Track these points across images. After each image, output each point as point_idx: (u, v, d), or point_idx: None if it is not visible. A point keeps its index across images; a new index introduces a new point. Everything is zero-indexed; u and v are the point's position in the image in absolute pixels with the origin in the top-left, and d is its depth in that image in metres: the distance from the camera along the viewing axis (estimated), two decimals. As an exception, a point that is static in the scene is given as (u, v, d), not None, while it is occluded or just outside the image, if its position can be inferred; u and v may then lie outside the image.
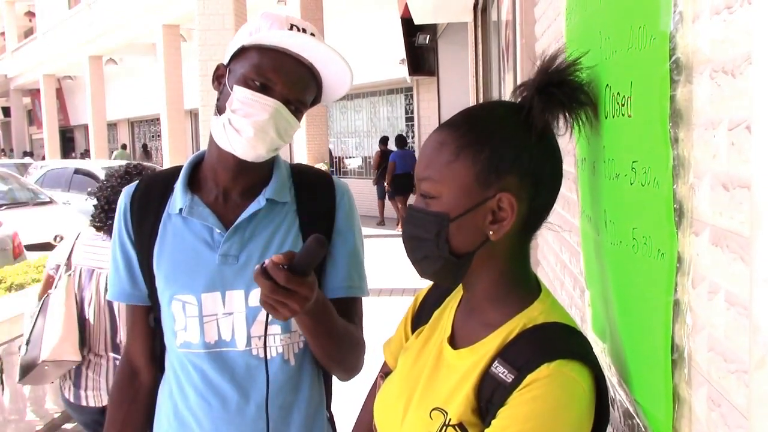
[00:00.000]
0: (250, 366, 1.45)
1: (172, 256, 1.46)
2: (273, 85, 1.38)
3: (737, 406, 0.73)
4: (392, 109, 16.69)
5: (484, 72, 8.29)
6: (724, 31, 0.73)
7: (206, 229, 1.47)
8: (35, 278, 5.44)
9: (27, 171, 14.76)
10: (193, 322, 1.45)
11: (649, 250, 0.94)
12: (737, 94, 0.70)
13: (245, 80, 1.38)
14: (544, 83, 1.03)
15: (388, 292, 7.91)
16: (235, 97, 1.38)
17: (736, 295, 0.72)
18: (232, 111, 1.39)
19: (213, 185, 1.50)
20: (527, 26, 3.05)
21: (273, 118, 1.37)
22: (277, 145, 1.43)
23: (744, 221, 0.69)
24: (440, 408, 1.02)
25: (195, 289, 1.45)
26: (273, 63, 1.39)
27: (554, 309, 1.05)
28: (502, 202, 1.00)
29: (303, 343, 1.50)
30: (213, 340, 1.45)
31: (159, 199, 1.51)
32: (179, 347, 1.47)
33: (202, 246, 1.46)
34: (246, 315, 1.45)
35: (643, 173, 0.95)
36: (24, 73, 30.41)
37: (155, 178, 1.59)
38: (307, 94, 1.44)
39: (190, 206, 1.47)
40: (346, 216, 1.56)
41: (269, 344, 1.46)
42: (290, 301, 1.20)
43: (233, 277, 1.45)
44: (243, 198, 1.49)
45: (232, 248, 1.45)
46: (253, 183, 1.49)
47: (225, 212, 1.48)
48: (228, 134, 1.40)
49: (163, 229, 1.49)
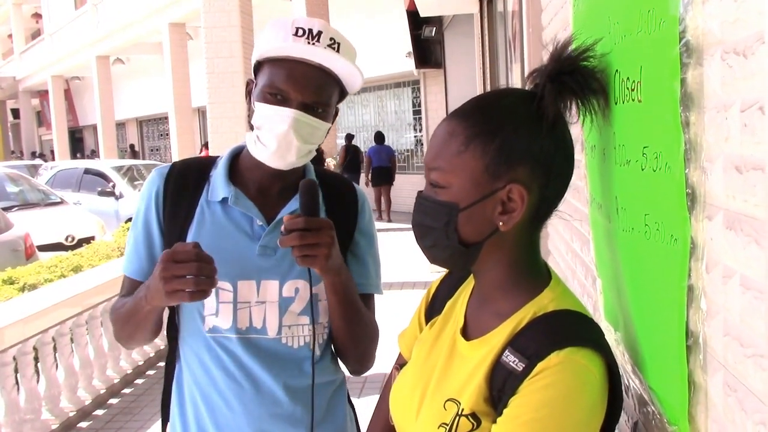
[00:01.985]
0: (280, 353, 1.52)
1: (211, 243, 1.47)
2: (287, 94, 1.44)
3: (754, 391, 0.72)
4: (400, 103, 16.67)
5: (491, 63, 8.27)
6: (735, 12, 0.72)
7: (247, 220, 1.53)
8: (48, 278, 5.48)
9: (37, 172, 14.85)
10: (227, 308, 1.50)
11: (662, 236, 0.93)
12: (749, 75, 0.69)
13: (263, 95, 1.45)
14: (556, 71, 1.02)
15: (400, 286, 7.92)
16: (257, 113, 1.47)
17: (752, 278, 0.71)
18: (257, 127, 1.47)
19: (251, 181, 1.57)
20: (534, 16, 3.03)
21: (293, 127, 1.43)
22: (306, 150, 1.49)
23: (758, 204, 0.68)
24: (454, 398, 1.02)
25: (231, 276, 1.49)
26: (283, 74, 1.44)
27: (565, 296, 1.05)
28: (512, 193, 0.99)
29: (326, 334, 1.60)
30: (245, 326, 1.51)
31: (195, 186, 1.57)
32: (208, 332, 1.51)
33: (241, 235, 1.52)
34: (279, 304, 1.51)
35: (654, 158, 0.94)
36: (32, 74, 30.57)
37: (189, 165, 1.63)
38: (324, 95, 1.48)
39: (235, 196, 1.52)
40: (368, 220, 1.68)
41: (297, 334, 1.53)
42: (320, 237, 1.34)
43: (270, 268, 1.51)
44: (281, 197, 1.56)
45: (272, 241, 1.51)
46: (288, 184, 1.56)
47: (264, 207, 1.55)
48: (257, 149, 1.48)
49: (200, 216, 1.54)
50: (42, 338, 4.22)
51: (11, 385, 3.91)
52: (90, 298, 4.73)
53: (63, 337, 4.50)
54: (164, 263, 1.30)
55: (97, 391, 4.89)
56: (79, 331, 4.71)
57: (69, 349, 4.62)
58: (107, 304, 4.85)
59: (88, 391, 4.81)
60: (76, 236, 9.43)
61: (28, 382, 4.10)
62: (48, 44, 28.05)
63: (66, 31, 26.01)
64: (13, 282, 5.27)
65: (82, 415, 4.65)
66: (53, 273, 5.68)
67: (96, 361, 4.94)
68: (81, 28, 24.10)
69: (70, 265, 5.95)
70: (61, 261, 6.09)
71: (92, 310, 4.81)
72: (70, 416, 4.53)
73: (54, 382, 4.40)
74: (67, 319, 4.48)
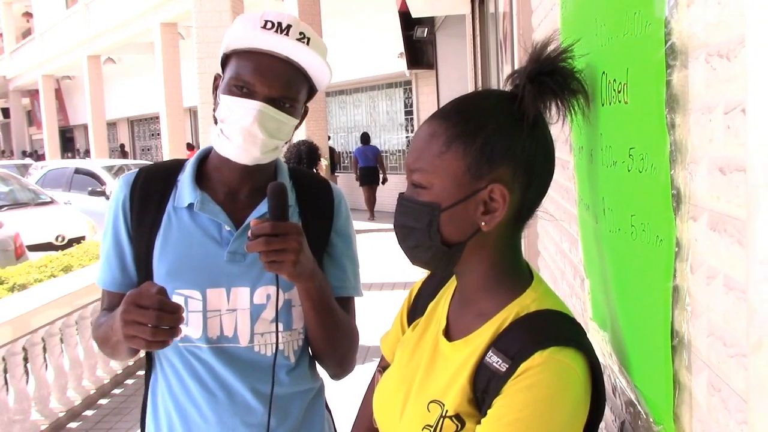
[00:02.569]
0: (253, 362, 1.48)
1: (178, 251, 1.46)
2: (253, 87, 1.39)
3: (737, 391, 0.72)
4: (391, 103, 16.67)
5: (483, 64, 8.28)
6: (718, 15, 0.73)
7: (215, 225, 1.48)
8: (37, 278, 5.46)
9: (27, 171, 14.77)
10: (196, 317, 1.45)
11: (648, 237, 0.94)
12: (732, 78, 0.70)
13: (229, 88, 1.41)
14: (535, 71, 1.02)
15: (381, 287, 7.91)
16: (221, 106, 1.42)
17: (735, 279, 0.72)
18: (221, 120, 1.43)
19: (220, 184, 1.52)
20: (524, 17, 3.04)
21: (258, 120, 1.38)
22: (273, 145, 1.44)
23: (741, 205, 0.69)
24: (437, 400, 1.02)
25: (200, 285, 1.45)
26: (250, 65, 1.40)
27: (547, 296, 1.05)
28: (493, 193, 0.99)
29: (302, 341, 1.55)
30: (215, 335, 1.46)
31: (161, 192, 1.51)
32: (180, 341, 1.47)
33: (209, 242, 1.47)
34: (250, 312, 1.46)
35: (640, 159, 0.95)
36: (22, 74, 30.40)
37: (156, 170, 1.58)
38: (291, 89, 1.43)
39: (201, 201, 1.47)
40: (345, 219, 1.61)
41: (270, 341, 1.48)
42: (286, 242, 1.29)
43: (239, 275, 1.46)
44: (250, 199, 1.51)
45: (241, 247, 1.45)
46: (258, 185, 1.50)
47: (233, 211, 1.50)
48: (221, 143, 1.44)
49: (167, 223, 1.49)
50: (31, 338, 4.20)
51: (0, 386, 3.90)
52: (80, 298, 4.71)
53: (53, 338, 4.48)
54: (126, 305, 1.25)
55: (86, 392, 4.87)
56: (68, 332, 4.70)
57: (59, 350, 4.60)
58: (97, 304, 4.83)
59: (77, 391, 4.79)
60: (67, 236, 9.39)
61: (17, 382, 4.08)
62: (39, 43, 27.89)
63: (57, 30, 25.87)
64: (3, 282, 5.25)
65: (72, 415, 4.63)
66: (43, 273, 5.66)
67: (86, 361, 4.92)
68: (72, 28, 23.97)
69: (60, 265, 5.93)
70: (51, 261, 6.06)
71: (82, 311, 4.79)
72: (60, 417, 4.51)
73: (43, 383, 4.39)
74: (57, 320, 4.46)
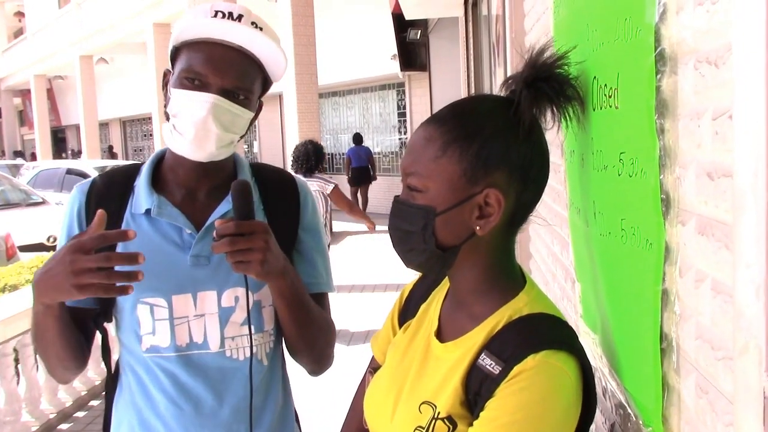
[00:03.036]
0: (223, 368, 1.43)
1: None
2: (205, 78, 1.34)
3: (724, 393, 0.73)
4: (384, 105, 16.67)
5: (476, 66, 8.30)
6: (707, 22, 0.74)
7: (175, 229, 1.42)
8: (29, 279, 5.43)
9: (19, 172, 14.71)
10: (163, 325, 1.40)
11: (638, 241, 0.95)
12: (720, 84, 0.71)
13: (180, 81, 1.35)
14: (531, 77, 1.03)
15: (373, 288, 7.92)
16: (173, 100, 1.36)
17: (722, 282, 0.73)
18: (173, 115, 1.37)
19: (176, 185, 1.46)
20: (517, 20, 3.05)
21: (212, 113, 1.33)
22: (228, 139, 1.39)
23: (728, 209, 0.70)
24: (429, 401, 1.03)
25: (165, 292, 1.40)
26: (201, 56, 1.34)
27: (539, 300, 1.06)
28: (489, 197, 1.00)
29: (273, 342, 1.49)
30: (185, 342, 1.41)
31: (119, 199, 1.45)
32: (145, 352, 1.41)
33: (171, 247, 1.42)
34: (219, 316, 1.42)
35: (630, 164, 0.96)
36: (14, 73, 30.29)
37: (112, 176, 1.52)
38: (246, 80, 1.38)
39: (158, 206, 1.42)
40: (312, 214, 1.56)
41: (242, 345, 1.43)
42: (252, 242, 1.23)
43: (205, 279, 1.41)
44: (210, 198, 1.46)
45: (204, 249, 1.41)
46: (218, 183, 1.46)
47: (193, 212, 1.44)
48: (174, 139, 1.38)
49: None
50: (22, 339, 4.18)
51: (-9, 387, 3.89)
52: (71, 299, 4.69)
53: (44, 339, 4.46)
54: (70, 255, 1.18)
55: (78, 393, 4.86)
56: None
57: (50, 351, 4.58)
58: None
59: (68, 393, 4.77)
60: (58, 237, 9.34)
61: (8, 383, 4.07)
62: (31, 43, 27.78)
63: (49, 30, 25.77)
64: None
65: (63, 417, 4.61)
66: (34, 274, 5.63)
67: (77, 362, 4.89)
68: (64, 28, 23.89)
69: (51, 266, 5.89)
70: (43, 261, 6.02)
71: (74, 312, 4.77)
72: (51, 418, 4.50)
73: (34, 384, 4.37)
74: (48, 321, 4.44)
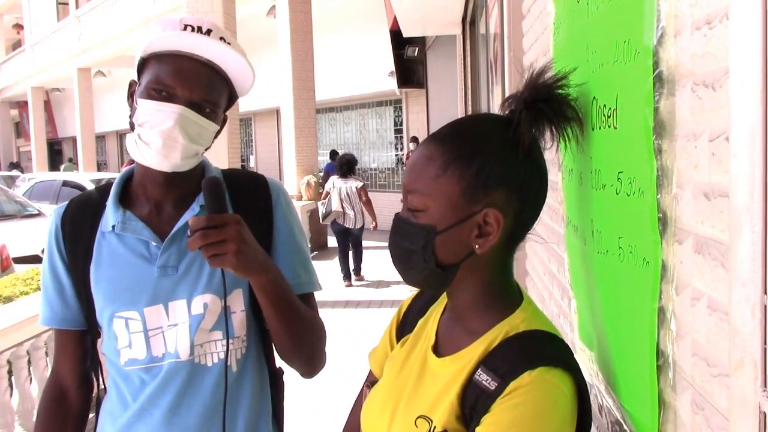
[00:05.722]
0: (193, 375, 1.43)
1: (110, 274, 1.44)
2: (173, 90, 1.35)
3: (720, 409, 0.75)
4: (381, 121, 16.73)
5: (473, 84, 8.34)
6: (704, 46, 0.76)
7: (142, 243, 1.44)
8: (23, 291, 5.42)
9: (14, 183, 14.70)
10: (138, 337, 1.42)
11: (635, 259, 0.96)
12: (717, 107, 0.73)
13: (147, 92, 1.36)
14: (531, 98, 1.05)
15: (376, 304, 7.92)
16: (139, 110, 1.37)
17: (718, 300, 0.74)
18: (139, 125, 1.38)
19: (144, 200, 1.48)
20: (515, 40, 3.08)
21: (179, 124, 1.34)
22: (193, 150, 1.40)
23: (724, 229, 0.72)
24: (425, 416, 1.03)
25: (137, 305, 1.42)
26: (169, 68, 1.36)
27: (536, 317, 1.07)
28: (488, 217, 1.01)
29: (245, 349, 1.49)
30: (160, 353, 1.43)
31: (91, 219, 1.48)
32: (125, 365, 1.44)
33: (139, 261, 1.43)
34: (189, 324, 1.42)
35: (628, 183, 0.97)
36: (12, 85, 30.29)
37: (87, 197, 1.55)
38: (213, 93, 1.40)
39: (122, 222, 1.44)
40: (284, 214, 1.55)
41: (209, 351, 1.44)
42: (224, 233, 1.22)
43: (174, 288, 1.43)
44: (177, 209, 1.47)
45: (171, 259, 1.43)
46: (184, 193, 1.47)
47: (160, 225, 1.46)
48: (140, 149, 1.38)
49: (98, 248, 1.46)
50: (16, 351, 4.17)
51: (-16, 399, 3.87)
52: (66, 311, 4.67)
53: (38, 351, 4.44)
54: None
55: (70, 406, 4.83)
56: (53, 345, 4.65)
57: (44, 363, 4.55)
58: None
59: (61, 405, 4.75)
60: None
61: (1, 395, 4.05)
62: (29, 55, 27.82)
63: (47, 42, 25.83)
64: (-12, 294, 5.22)
65: (55, 430, 4.59)
66: (29, 286, 5.62)
67: (70, 375, 4.87)
68: (63, 40, 23.96)
69: (46, 278, 5.88)
70: (38, 273, 6.01)
71: (68, 324, 4.76)
72: (43, 431, 4.47)
73: (28, 396, 4.35)
74: (43, 333, 4.43)
